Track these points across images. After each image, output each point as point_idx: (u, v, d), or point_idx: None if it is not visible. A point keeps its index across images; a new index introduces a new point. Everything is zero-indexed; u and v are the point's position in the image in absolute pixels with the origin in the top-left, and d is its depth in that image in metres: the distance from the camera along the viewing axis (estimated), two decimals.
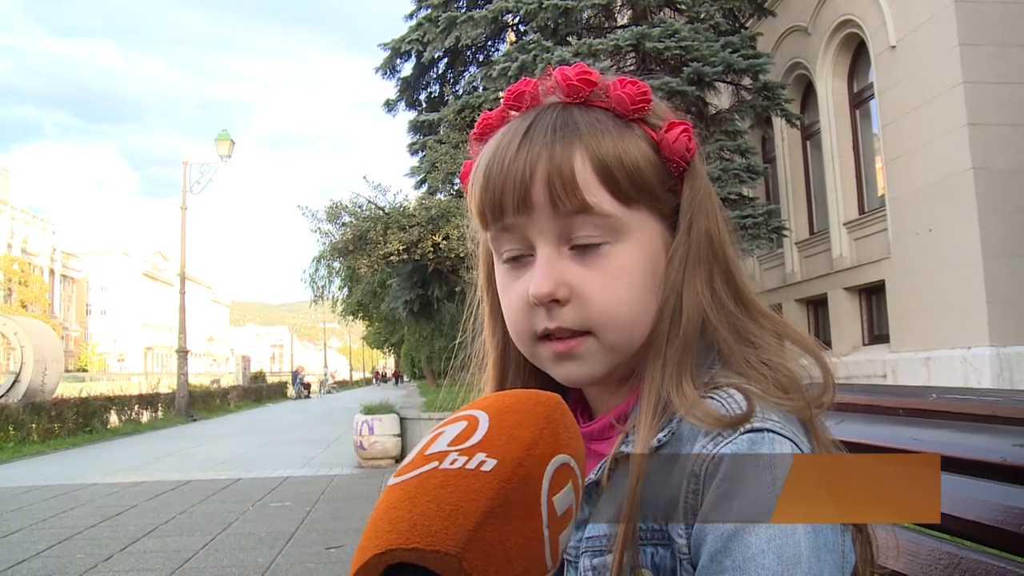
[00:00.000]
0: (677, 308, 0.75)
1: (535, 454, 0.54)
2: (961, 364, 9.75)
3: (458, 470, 0.52)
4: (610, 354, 0.76)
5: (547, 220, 0.75)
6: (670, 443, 0.71)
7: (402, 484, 0.53)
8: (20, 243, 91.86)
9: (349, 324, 48.69)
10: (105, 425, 17.16)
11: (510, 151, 0.76)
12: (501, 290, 0.82)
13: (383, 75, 15.96)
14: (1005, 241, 9.56)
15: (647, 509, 0.70)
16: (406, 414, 10.50)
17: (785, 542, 0.61)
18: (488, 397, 0.62)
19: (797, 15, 13.41)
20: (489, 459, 0.53)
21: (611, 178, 0.74)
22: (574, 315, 0.75)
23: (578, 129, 0.75)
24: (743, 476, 0.64)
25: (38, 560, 5.34)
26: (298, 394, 43.15)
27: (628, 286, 0.75)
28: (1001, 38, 9.85)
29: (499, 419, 0.56)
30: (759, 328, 0.76)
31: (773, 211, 12.47)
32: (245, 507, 7.19)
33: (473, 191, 0.80)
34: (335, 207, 14.16)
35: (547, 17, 11.87)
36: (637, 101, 0.77)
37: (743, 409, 0.67)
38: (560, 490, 0.55)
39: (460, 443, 0.54)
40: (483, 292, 0.90)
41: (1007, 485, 0.87)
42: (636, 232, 0.76)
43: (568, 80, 0.78)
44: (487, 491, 0.51)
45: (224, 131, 22.25)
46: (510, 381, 0.87)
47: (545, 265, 0.75)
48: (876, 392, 1.25)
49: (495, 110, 0.84)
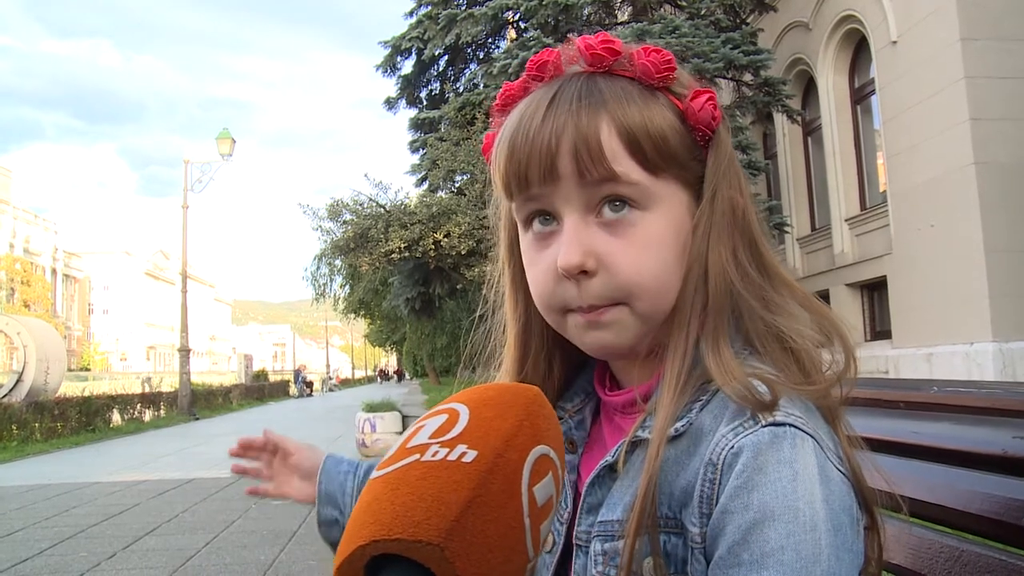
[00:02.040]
0: (702, 277, 0.74)
1: (515, 445, 0.55)
2: (964, 360, 9.74)
3: (439, 462, 0.52)
4: (641, 323, 0.75)
5: (574, 189, 0.74)
6: (688, 433, 0.70)
7: (384, 477, 0.53)
8: (22, 243, 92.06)
9: (351, 322, 48.76)
10: (108, 424, 17.18)
11: (535, 120, 0.75)
12: (527, 262, 0.81)
13: (384, 73, 15.98)
14: (1007, 236, 9.54)
15: (663, 496, 0.69)
16: (408, 412, 10.51)
17: (805, 539, 0.60)
18: (468, 390, 0.62)
19: (798, 11, 13.39)
20: (470, 451, 0.53)
21: (638, 147, 0.73)
22: (602, 287, 0.74)
23: (603, 97, 0.74)
24: (764, 468, 0.63)
25: (41, 559, 5.35)
26: (300, 392, 43.19)
27: (656, 255, 0.74)
28: (1002, 33, 9.83)
29: (479, 411, 0.57)
30: (782, 299, 0.75)
31: (774, 207, 12.47)
32: (247, 505, 7.20)
33: (498, 161, 0.79)
34: (336, 205, 14.18)
35: (547, 14, 11.87)
36: (662, 69, 0.76)
37: (768, 398, 0.67)
38: (540, 480, 0.56)
39: (441, 435, 0.55)
40: (504, 263, 0.89)
41: (1008, 477, 0.87)
42: (663, 201, 0.75)
43: (592, 49, 0.77)
44: (468, 482, 0.51)
45: (225, 130, 22.25)
46: (532, 352, 0.86)
47: (573, 235, 0.74)
48: (877, 385, 1.25)
49: (517, 80, 0.82)
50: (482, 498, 0.51)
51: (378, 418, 10.09)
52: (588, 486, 0.75)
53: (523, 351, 0.87)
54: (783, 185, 14.59)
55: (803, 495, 0.62)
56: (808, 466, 0.63)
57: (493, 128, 0.83)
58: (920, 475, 0.99)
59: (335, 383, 60.63)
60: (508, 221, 0.86)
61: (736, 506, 0.63)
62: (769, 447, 0.64)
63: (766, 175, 13.87)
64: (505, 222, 0.87)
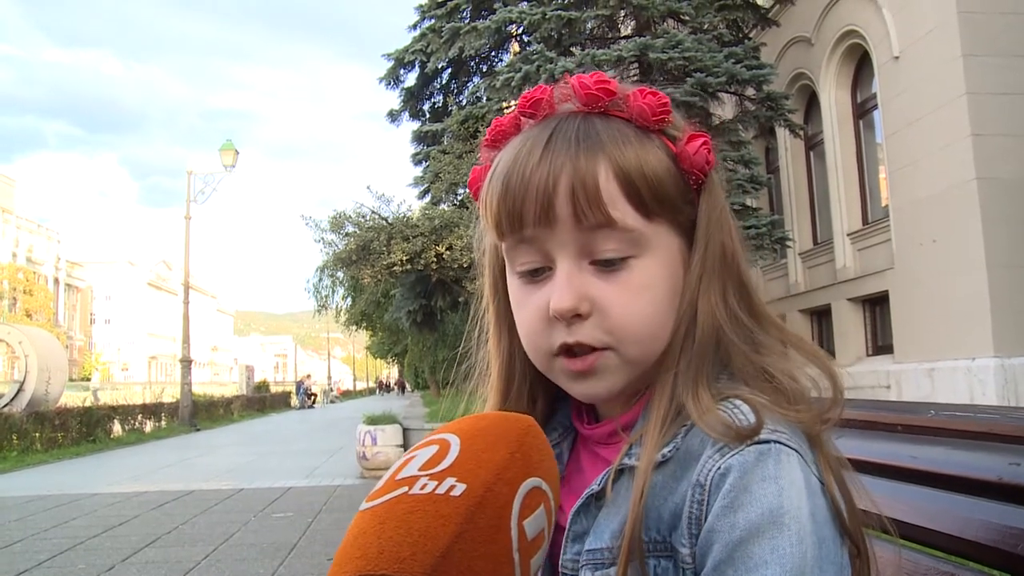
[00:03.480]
0: (692, 321, 0.75)
1: (505, 478, 0.55)
2: (965, 375, 9.71)
3: (427, 495, 0.52)
4: (629, 368, 0.75)
5: (569, 233, 0.73)
6: (675, 458, 0.70)
7: (372, 510, 0.53)
8: (25, 252, 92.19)
9: (353, 334, 48.72)
10: (108, 435, 17.16)
11: (531, 160, 0.74)
12: (515, 304, 0.80)
13: (387, 85, 16.03)
14: (1009, 251, 9.54)
15: (651, 520, 0.69)
16: (409, 424, 10.47)
17: (789, 553, 0.61)
18: (461, 420, 0.61)
19: (801, 26, 13.44)
20: (459, 484, 0.53)
21: (634, 191, 0.73)
22: (595, 330, 0.74)
23: (601, 139, 0.74)
24: (749, 487, 0.64)
25: (39, 570, 5.33)
26: (302, 404, 43.10)
27: (650, 301, 0.74)
28: (1004, 49, 9.85)
29: (470, 443, 0.57)
30: (771, 341, 0.76)
31: (777, 222, 12.46)
32: (247, 517, 7.18)
33: (489, 200, 0.77)
34: (339, 217, 14.19)
35: (551, 28, 11.90)
36: (658, 111, 0.76)
37: (751, 421, 0.67)
38: (531, 514, 0.56)
39: (431, 468, 0.55)
40: (489, 300, 0.88)
41: (1004, 504, 0.87)
42: (657, 246, 0.75)
43: (587, 88, 0.77)
44: (456, 516, 0.51)
45: (228, 141, 22.36)
46: (515, 389, 0.86)
47: (566, 279, 0.73)
48: (874, 408, 1.25)
49: (508, 116, 0.82)
50: (470, 533, 0.51)
51: (379, 431, 10.04)
52: (573, 515, 0.75)
53: (506, 385, 0.87)
54: (785, 199, 14.60)
55: (788, 510, 0.62)
56: (794, 480, 0.64)
57: (482, 162, 0.83)
58: (917, 500, 0.98)
59: (336, 395, 60.51)
60: (493, 257, 0.86)
61: (723, 525, 0.64)
62: (755, 466, 0.65)
63: (768, 189, 13.87)
64: (490, 258, 0.87)
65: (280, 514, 7.38)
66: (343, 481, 9.70)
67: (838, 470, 0.70)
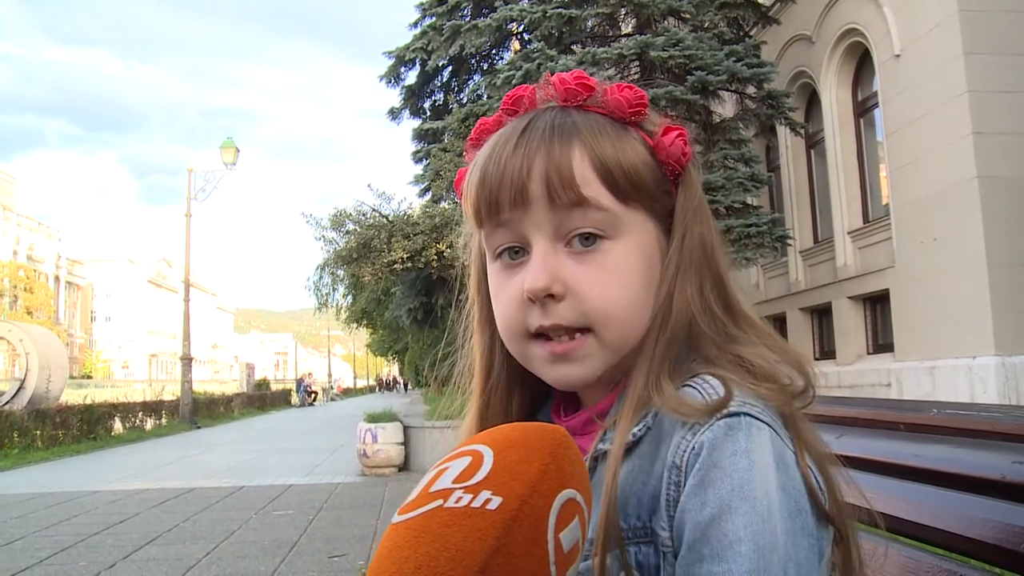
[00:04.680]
0: (667, 310, 0.75)
1: (541, 490, 0.54)
2: (966, 373, 9.71)
3: (463, 509, 0.51)
4: (607, 353, 0.76)
5: (544, 214, 0.75)
6: (648, 436, 0.70)
7: (406, 523, 0.52)
8: (26, 249, 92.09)
9: (353, 332, 48.65)
10: (109, 432, 17.17)
11: (507, 149, 0.76)
12: (493, 291, 0.81)
13: (388, 83, 15.99)
14: (1010, 250, 9.53)
15: (631, 506, 0.69)
16: (410, 422, 10.47)
17: (762, 528, 0.61)
18: (493, 431, 0.61)
19: (801, 24, 13.42)
20: (495, 497, 0.52)
21: (609, 175, 0.74)
22: (569, 312, 0.74)
23: (577, 128, 0.76)
24: (719, 463, 0.64)
25: (40, 568, 5.34)
26: (302, 402, 43.10)
27: (624, 284, 0.75)
28: (1006, 47, 9.85)
29: (504, 454, 0.55)
30: (744, 335, 0.76)
31: (777, 220, 12.44)
32: (248, 515, 7.19)
33: (469, 191, 0.79)
34: (339, 215, 14.19)
35: (551, 26, 11.88)
36: (634, 104, 0.78)
37: (720, 394, 0.67)
38: (566, 526, 0.54)
39: (465, 480, 0.53)
40: (474, 295, 0.90)
41: (1006, 502, 0.87)
42: (633, 230, 0.76)
43: (566, 84, 0.79)
44: (492, 531, 0.50)
45: (229, 139, 22.37)
46: (493, 380, 0.87)
47: (541, 260, 0.74)
48: (876, 406, 1.25)
49: (492, 116, 0.84)
50: (507, 547, 0.50)
51: (380, 428, 10.03)
52: None
53: (485, 377, 0.87)
54: (786, 198, 14.59)
55: (759, 484, 0.62)
56: (764, 454, 0.64)
57: (467, 161, 0.84)
58: (920, 498, 0.99)
59: (336, 392, 60.51)
60: (478, 254, 0.87)
61: (694, 504, 0.64)
62: (724, 440, 0.65)
63: (769, 188, 13.85)
64: (476, 255, 0.88)
65: (281, 512, 7.38)
66: (344, 479, 9.71)
67: (818, 453, 0.70)
